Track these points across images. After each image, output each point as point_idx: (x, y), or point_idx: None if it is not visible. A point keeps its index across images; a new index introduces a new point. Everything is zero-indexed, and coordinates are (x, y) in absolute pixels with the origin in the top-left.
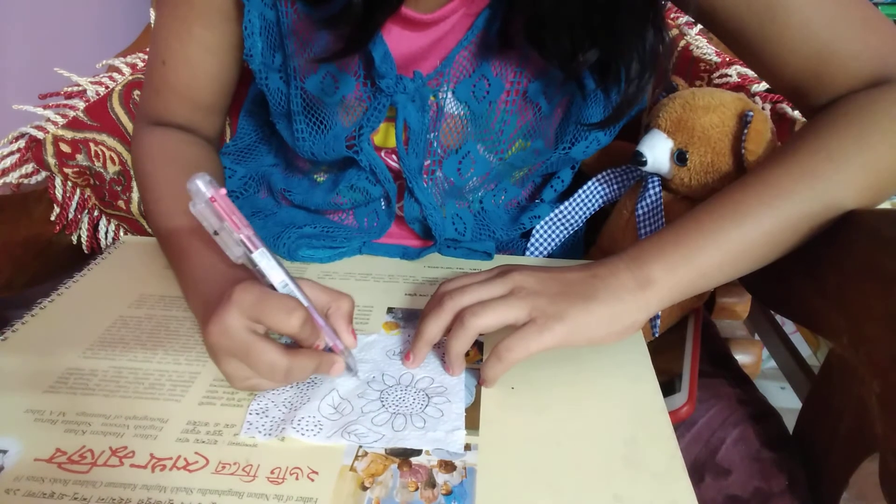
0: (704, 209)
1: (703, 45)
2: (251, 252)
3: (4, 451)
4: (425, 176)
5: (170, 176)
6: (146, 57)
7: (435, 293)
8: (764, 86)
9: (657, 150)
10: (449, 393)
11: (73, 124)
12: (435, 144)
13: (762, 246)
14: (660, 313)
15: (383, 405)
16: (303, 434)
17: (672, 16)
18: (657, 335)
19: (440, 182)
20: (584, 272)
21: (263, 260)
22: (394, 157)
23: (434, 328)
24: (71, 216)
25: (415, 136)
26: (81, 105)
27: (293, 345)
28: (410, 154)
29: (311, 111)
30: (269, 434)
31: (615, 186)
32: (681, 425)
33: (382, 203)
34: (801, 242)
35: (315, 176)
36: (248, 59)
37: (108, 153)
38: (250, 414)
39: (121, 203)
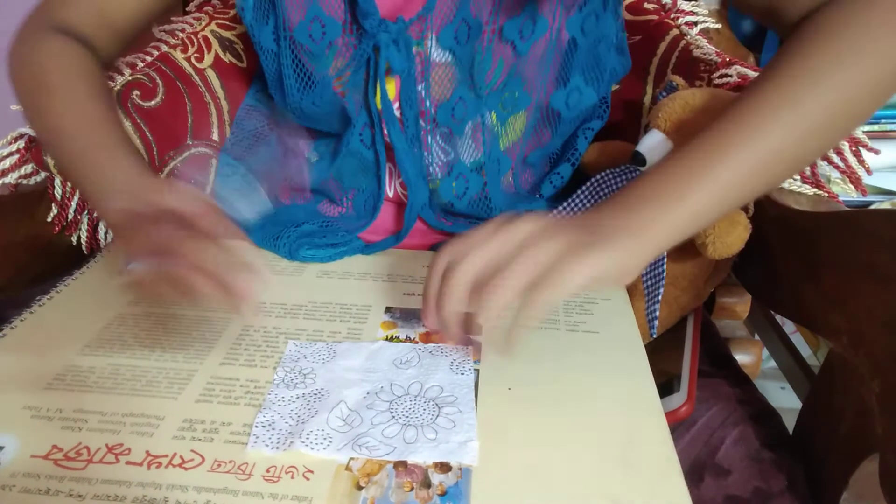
0: (690, 148)
1: (703, 45)
2: None
3: (1, 448)
4: (423, 130)
5: (84, 90)
6: (146, 57)
7: (435, 267)
8: None
9: (656, 151)
10: (460, 402)
11: None
12: (426, 95)
13: (750, 179)
14: (658, 313)
15: (393, 416)
16: (312, 448)
17: (672, 16)
18: (655, 335)
19: (438, 137)
20: (583, 217)
21: None
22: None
23: (452, 310)
24: (70, 217)
25: (404, 85)
26: None
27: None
28: (404, 106)
29: (299, 64)
30: (277, 448)
31: (614, 186)
32: (680, 425)
33: (374, 167)
34: (790, 172)
35: (312, 157)
36: (241, 14)
37: None
38: (256, 427)
39: None
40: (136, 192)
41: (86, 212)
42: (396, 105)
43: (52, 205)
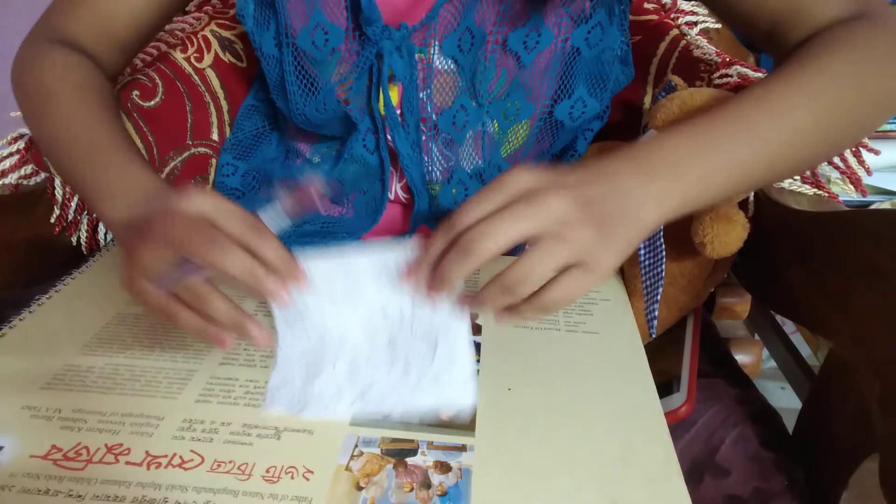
0: (708, 121)
1: (703, 45)
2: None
3: (0, 448)
4: (423, 137)
5: (84, 97)
6: (145, 58)
7: (450, 226)
8: None
9: None
10: (452, 335)
11: None
12: (427, 103)
13: (771, 160)
14: (657, 313)
15: (394, 355)
16: (326, 406)
17: (672, 16)
18: (654, 335)
19: (439, 144)
20: (602, 184)
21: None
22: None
23: (459, 272)
24: (70, 217)
25: (406, 92)
26: None
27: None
28: (405, 112)
29: (302, 71)
30: (292, 408)
31: None
32: (680, 425)
33: (378, 171)
34: (797, 169)
35: (314, 159)
36: (241, 20)
37: None
38: (271, 389)
39: None
40: (144, 197)
41: (85, 212)
42: (399, 112)
43: (53, 206)
